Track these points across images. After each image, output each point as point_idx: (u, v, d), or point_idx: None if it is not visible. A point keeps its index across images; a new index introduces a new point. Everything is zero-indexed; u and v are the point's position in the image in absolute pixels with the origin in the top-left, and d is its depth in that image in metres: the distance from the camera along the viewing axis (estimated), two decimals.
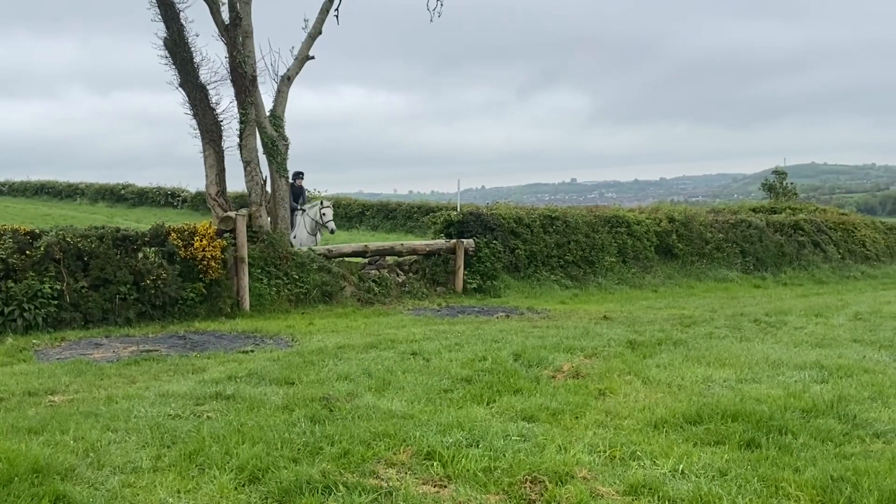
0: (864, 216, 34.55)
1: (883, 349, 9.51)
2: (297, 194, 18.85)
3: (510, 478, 4.73)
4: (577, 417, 6.20)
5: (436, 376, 7.62)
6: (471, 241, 17.71)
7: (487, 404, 6.62)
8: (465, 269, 17.45)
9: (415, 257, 17.50)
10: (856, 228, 27.58)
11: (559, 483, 4.67)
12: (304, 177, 19.93)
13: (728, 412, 6.14)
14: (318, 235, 19.33)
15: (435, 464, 5.00)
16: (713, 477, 4.79)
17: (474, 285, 17.40)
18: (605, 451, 5.26)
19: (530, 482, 4.69)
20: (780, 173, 39.53)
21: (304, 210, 19.01)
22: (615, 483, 4.72)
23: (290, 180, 17.32)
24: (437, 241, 17.91)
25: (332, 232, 19.16)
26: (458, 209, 19.88)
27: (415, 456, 5.16)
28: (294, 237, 17.86)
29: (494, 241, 18.25)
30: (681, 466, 4.95)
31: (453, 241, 17.50)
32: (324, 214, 18.92)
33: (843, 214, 30.35)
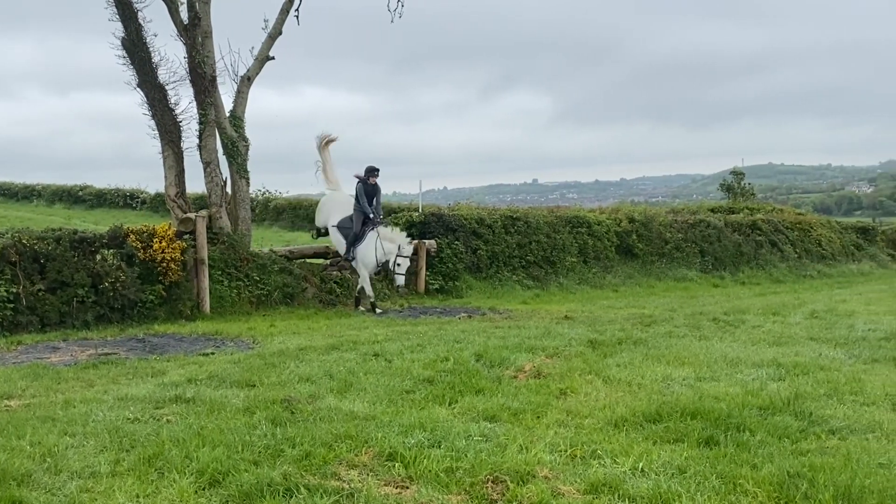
0: (820, 216, 35.13)
1: (838, 347, 9.69)
2: (371, 195, 15.02)
3: (472, 478, 4.74)
4: (538, 417, 6.24)
5: (398, 377, 7.62)
6: (433, 241, 17.73)
7: (449, 405, 6.63)
8: (427, 269, 17.47)
9: None
10: (812, 228, 28.04)
11: (521, 483, 4.69)
12: (378, 174, 15.38)
13: (687, 410, 6.22)
14: (379, 264, 15.05)
15: (397, 465, 5.00)
16: (672, 475, 4.85)
17: (436, 286, 17.43)
18: (566, 451, 5.30)
19: (492, 482, 4.71)
20: (738, 174, 40.01)
21: (376, 226, 14.86)
22: (576, 482, 4.75)
23: (363, 177, 15.00)
24: None
25: (398, 288, 15.56)
26: (420, 210, 19.88)
27: (377, 457, 5.16)
28: (351, 254, 14.87)
29: (456, 242, 18.28)
30: (641, 465, 5.01)
31: (415, 241, 17.49)
32: (398, 265, 14.75)
33: (799, 214, 30.84)
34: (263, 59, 16.50)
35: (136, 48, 14.74)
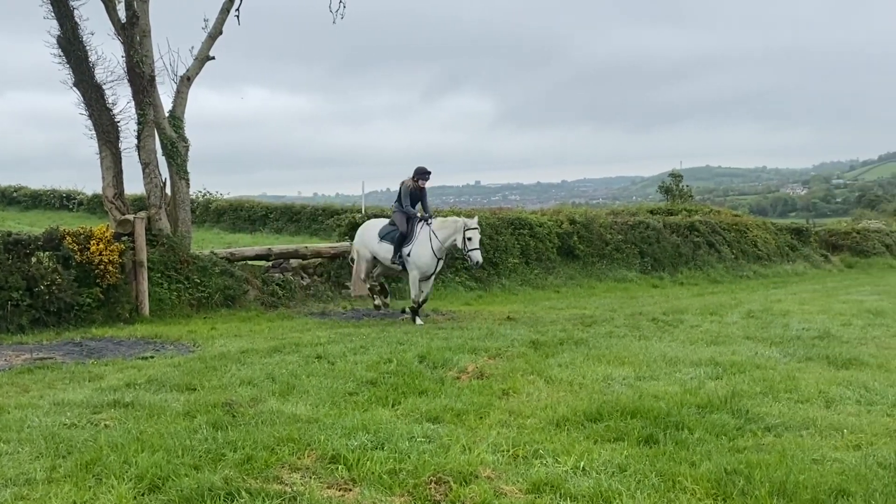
0: (755, 217, 35.93)
1: (774, 346, 9.94)
2: (417, 198, 14.05)
3: (415, 479, 4.76)
4: (481, 417, 6.28)
5: (341, 379, 7.61)
6: None
7: (393, 406, 6.64)
8: None
9: (320, 260, 17.36)
10: (748, 229, 28.62)
11: (463, 483, 4.73)
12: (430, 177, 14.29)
13: (627, 409, 6.32)
14: (441, 262, 13.95)
15: (340, 467, 4.99)
16: (613, 473, 4.93)
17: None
18: (508, 451, 5.35)
19: (435, 483, 4.73)
20: (676, 176, 40.73)
21: (428, 222, 13.68)
22: (518, 482, 4.80)
23: (412, 179, 13.92)
24: (343, 243, 17.80)
25: (476, 264, 13.44)
26: (363, 211, 19.81)
27: (319, 460, 5.14)
28: (408, 254, 13.63)
29: None
30: (582, 464, 5.08)
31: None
32: (469, 240, 13.22)
33: (736, 216, 31.45)
34: (203, 58, 16.28)
35: (72, 47, 14.43)
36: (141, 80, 15.04)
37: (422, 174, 13.99)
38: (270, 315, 14.15)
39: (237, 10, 16.62)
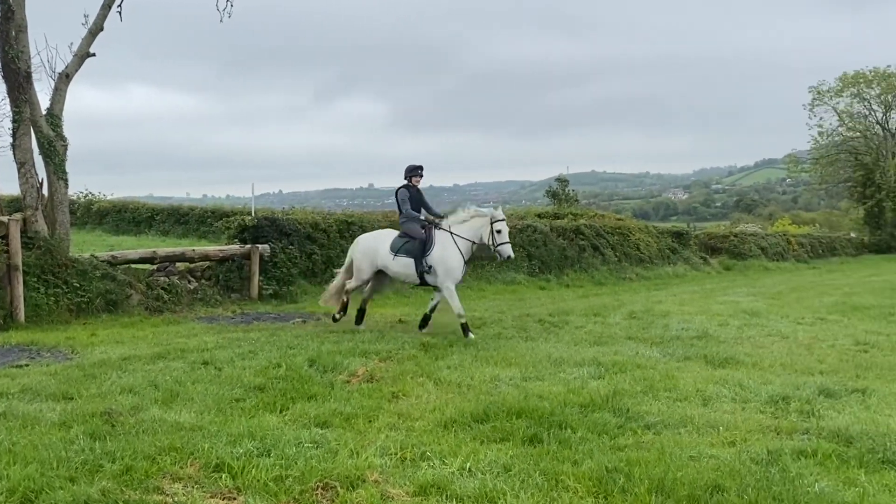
0: (638, 221, 37.00)
1: (654, 346, 10.30)
2: (417, 201, 12.37)
3: (302, 485, 4.73)
4: (370, 421, 6.28)
5: (227, 386, 7.47)
6: (266, 246, 17.42)
7: (281, 412, 6.57)
8: (260, 275, 17.13)
9: (207, 263, 16.98)
10: (631, 233, 29.44)
11: (350, 488, 4.72)
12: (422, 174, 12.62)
13: (513, 410, 6.44)
14: (467, 267, 12.34)
15: (224, 476, 4.91)
16: (498, 473, 5.01)
17: (270, 291, 17.13)
18: (396, 454, 5.37)
19: (322, 489, 4.72)
20: (562, 181, 41.66)
21: (441, 224, 12.03)
22: (405, 484, 4.83)
23: (406, 180, 12.40)
24: (231, 246, 17.46)
25: (508, 259, 12.00)
26: (253, 214, 19.51)
27: (203, 469, 5.04)
28: (431, 265, 11.73)
29: (291, 247, 18.04)
30: (468, 464, 5.14)
31: (248, 246, 17.14)
32: (498, 232, 11.62)
33: (619, 220, 32.30)
34: (83, 55, 15.71)
35: None
36: (16, 76, 14.41)
37: (414, 171, 12.38)
38: (155, 320, 13.75)
39: (119, 5, 16.09)
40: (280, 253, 17.65)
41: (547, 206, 39.29)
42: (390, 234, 12.51)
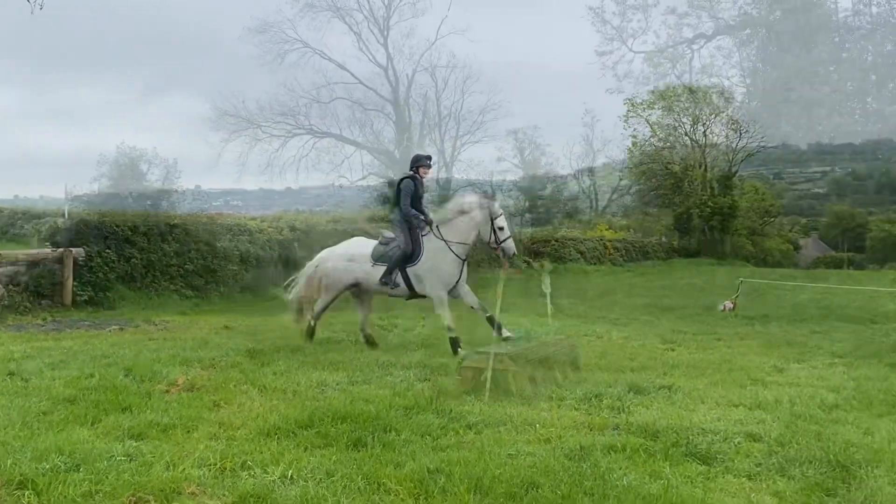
0: None
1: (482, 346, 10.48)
2: (419, 196, 10.63)
3: (112, 501, 4.52)
4: (189, 431, 6.08)
5: (35, 398, 7.03)
6: (80, 249, 16.54)
7: (92, 424, 6.25)
8: (74, 280, 16.24)
9: (16, 268, 15.93)
10: None
11: (165, 501, 4.56)
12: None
13: (338, 414, 6.41)
14: (464, 273, 10.46)
15: (28, 493, 4.61)
16: (321, 479, 4.96)
17: (85, 297, 16.28)
18: (216, 464, 5.21)
19: (135, 503, 4.52)
20: (394, 185, 42.07)
21: (430, 224, 10.43)
22: (224, 495, 4.70)
23: (411, 170, 10.65)
24: (42, 250, 16.49)
25: (513, 255, 10.43)
26: (66, 215, 18.46)
27: (5, 486, 4.73)
28: (418, 273, 10.35)
29: (108, 250, 17.21)
30: (290, 472, 5.06)
31: (61, 249, 16.22)
32: (501, 229, 10.25)
33: None
34: None
35: None
36: None
37: (421, 161, 10.71)
38: None
39: None
40: (96, 257, 16.82)
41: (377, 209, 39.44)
42: (368, 243, 11.03)
